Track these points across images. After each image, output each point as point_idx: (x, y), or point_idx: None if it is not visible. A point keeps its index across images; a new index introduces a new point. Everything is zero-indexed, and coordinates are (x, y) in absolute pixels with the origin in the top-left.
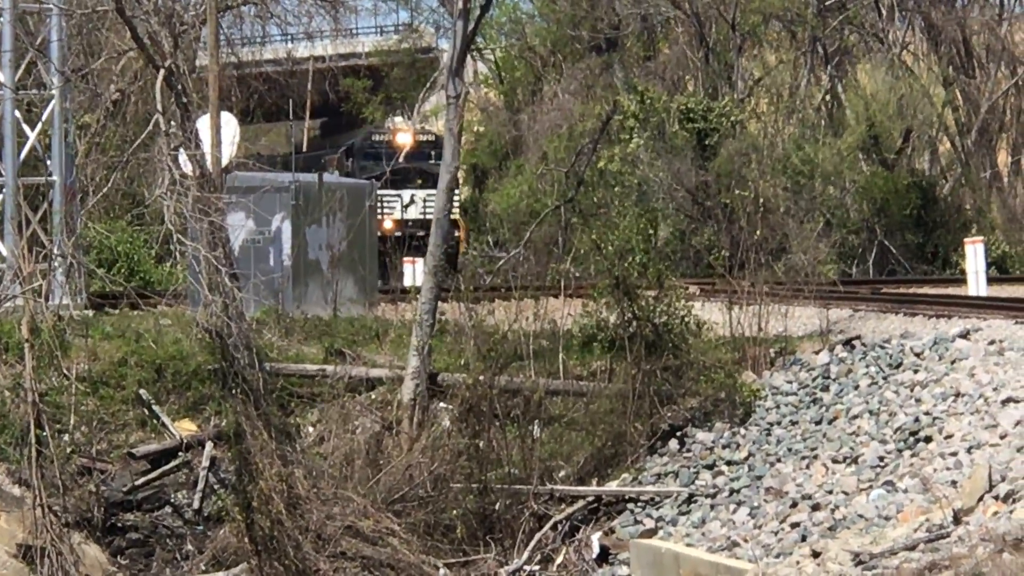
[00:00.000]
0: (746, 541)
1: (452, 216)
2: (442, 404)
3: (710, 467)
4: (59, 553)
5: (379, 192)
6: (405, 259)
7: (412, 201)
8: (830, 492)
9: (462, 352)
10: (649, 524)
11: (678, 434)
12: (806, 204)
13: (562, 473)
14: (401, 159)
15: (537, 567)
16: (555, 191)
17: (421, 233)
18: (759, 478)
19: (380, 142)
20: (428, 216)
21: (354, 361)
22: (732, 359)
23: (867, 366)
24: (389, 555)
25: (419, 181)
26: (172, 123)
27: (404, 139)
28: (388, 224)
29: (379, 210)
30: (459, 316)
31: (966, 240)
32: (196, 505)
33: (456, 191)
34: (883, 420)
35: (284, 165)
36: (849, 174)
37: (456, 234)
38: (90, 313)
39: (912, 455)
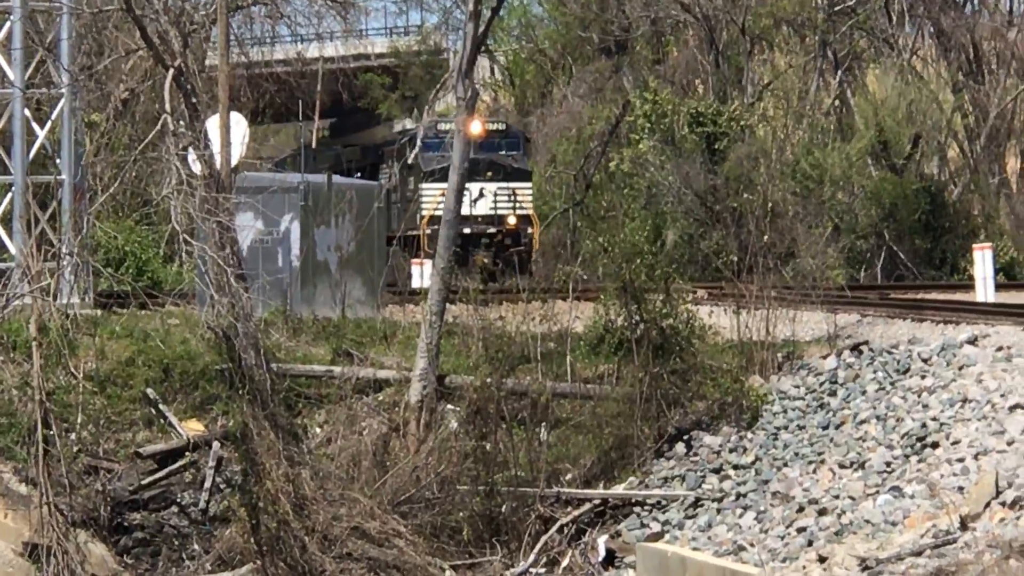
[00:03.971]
0: (752, 545)
1: (526, 213)
2: (449, 406)
3: (717, 471)
4: (65, 552)
5: (446, 186)
6: (413, 260)
7: (481, 195)
8: (837, 497)
9: (470, 354)
10: (655, 528)
11: (685, 438)
12: (815, 209)
13: (568, 476)
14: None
15: (543, 570)
16: (563, 193)
17: (492, 230)
18: (766, 482)
19: (446, 132)
20: (500, 212)
21: (362, 362)
22: (739, 363)
23: (874, 371)
24: (395, 556)
25: (488, 174)
26: (181, 123)
27: (473, 128)
28: None
29: None
30: (467, 318)
31: (974, 246)
32: (202, 505)
33: (528, 184)
34: (890, 425)
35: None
36: (858, 179)
37: (529, 231)
38: (98, 312)
39: (919, 461)
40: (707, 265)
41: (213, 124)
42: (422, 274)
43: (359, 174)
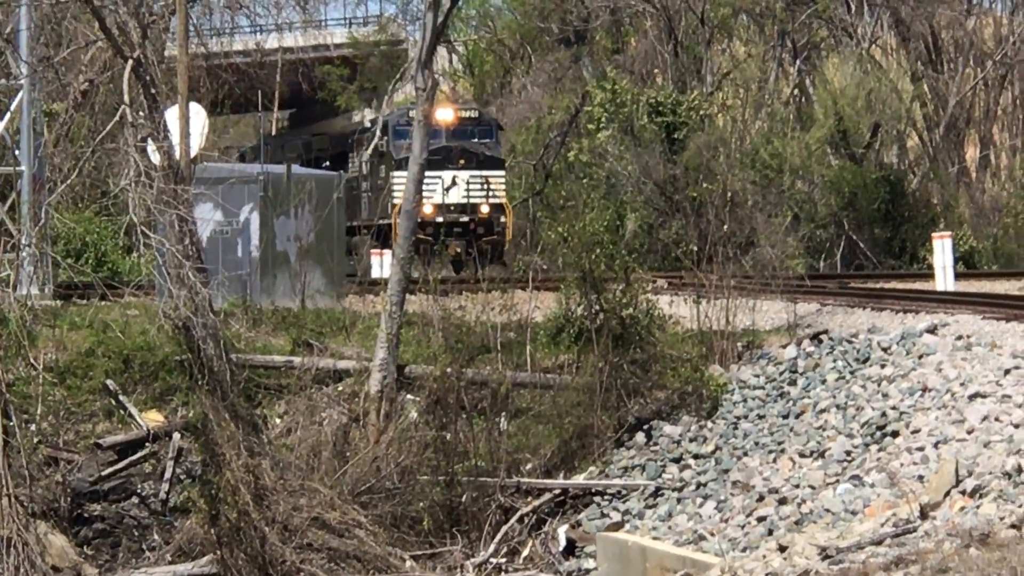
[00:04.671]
0: (713, 534)
1: (499, 201)
2: (409, 396)
3: (677, 460)
4: (25, 543)
5: None
6: (373, 251)
7: (454, 183)
8: (797, 486)
9: (429, 344)
10: (616, 517)
11: (645, 427)
12: (774, 198)
13: (529, 466)
14: (443, 138)
15: (503, 559)
16: (523, 183)
17: (464, 219)
18: (726, 472)
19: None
20: (472, 200)
21: (321, 353)
22: (699, 353)
23: (834, 360)
24: (355, 547)
25: (461, 161)
26: (140, 114)
27: (445, 115)
28: (428, 209)
29: None
30: (427, 308)
31: (934, 235)
32: (162, 496)
33: (502, 172)
34: (850, 414)
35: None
36: (817, 168)
37: (502, 220)
38: (57, 303)
39: (879, 450)
40: (667, 254)
41: (172, 115)
42: (382, 264)
43: (327, 163)
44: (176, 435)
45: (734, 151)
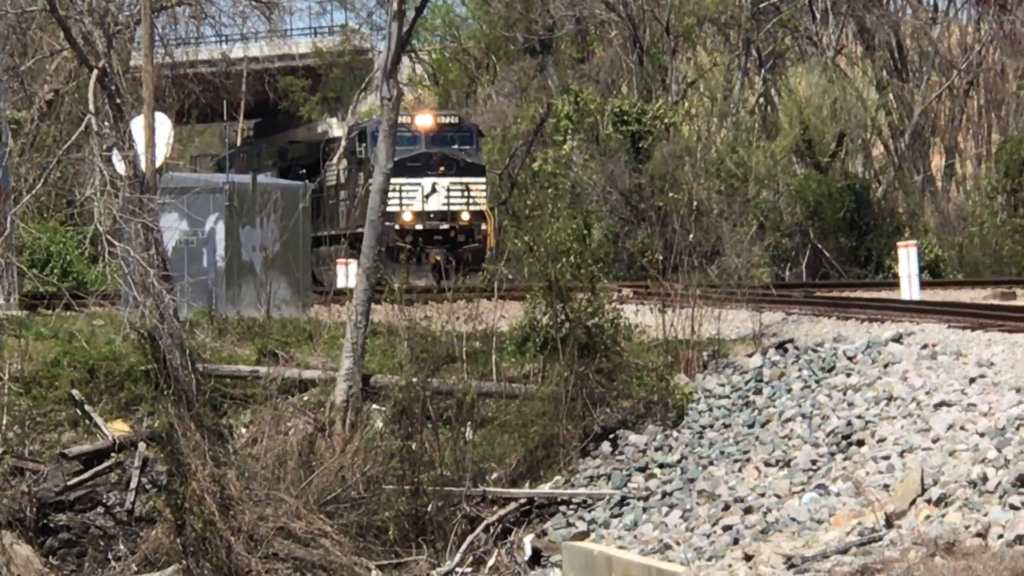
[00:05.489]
0: (678, 543)
1: (480, 208)
2: (375, 406)
3: (642, 470)
4: None
5: (397, 181)
6: (339, 260)
7: (434, 190)
8: (762, 495)
9: (395, 354)
10: (581, 526)
11: (611, 436)
12: (739, 207)
13: (494, 475)
14: (423, 144)
15: (469, 569)
16: (489, 193)
17: (445, 227)
18: (691, 481)
19: (400, 125)
20: (453, 208)
21: (287, 362)
22: (665, 362)
23: (800, 369)
24: (321, 556)
25: (441, 168)
26: (105, 123)
27: (424, 121)
28: (407, 216)
29: (397, 201)
30: (393, 318)
31: (899, 244)
32: (128, 506)
33: (483, 179)
34: (816, 423)
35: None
36: (783, 177)
37: (484, 227)
38: (23, 313)
39: (845, 458)
40: (632, 264)
41: (137, 124)
42: (347, 274)
43: (303, 171)
44: (142, 445)
45: (699, 160)
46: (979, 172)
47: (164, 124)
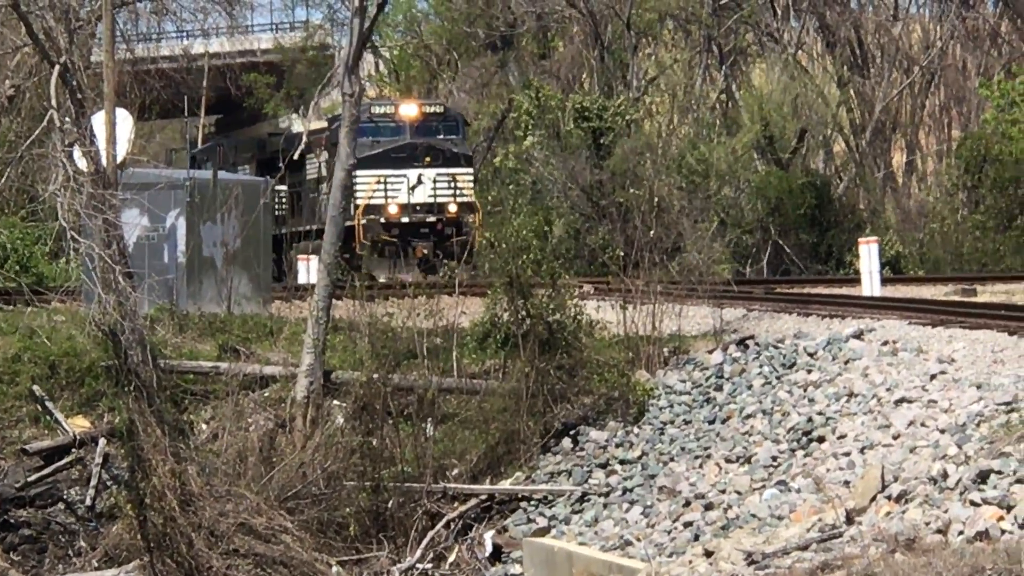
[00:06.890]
0: (639, 540)
1: (467, 200)
2: (336, 402)
3: (603, 466)
4: None
5: (382, 172)
6: (299, 256)
7: (420, 182)
8: (723, 491)
9: (356, 350)
10: (542, 523)
11: (571, 433)
12: (701, 203)
13: (455, 471)
14: (408, 135)
15: (430, 565)
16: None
17: (431, 219)
18: (652, 477)
19: (380, 115)
20: (439, 199)
21: (248, 358)
22: (626, 358)
23: (761, 366)
24: (282, 552)
25: (427, 159)
26: (67, 119)
27: (409, 111)
28: (393, 209)
29: (383, 193)
30: (354, 314)
31: (860, 240)
32: (89, 502)
33: (470, 170)
34: (776, 420)
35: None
36: (744, 173)
37: (471, 219)
38: None
39: (805, 455)
40: (593, 260)
41: (99, 120)
42: (308, 270)
43: (280, 165)
44: (102, 441)
45: (660, 156)
46: (940, 168)
47: (126, 120)
